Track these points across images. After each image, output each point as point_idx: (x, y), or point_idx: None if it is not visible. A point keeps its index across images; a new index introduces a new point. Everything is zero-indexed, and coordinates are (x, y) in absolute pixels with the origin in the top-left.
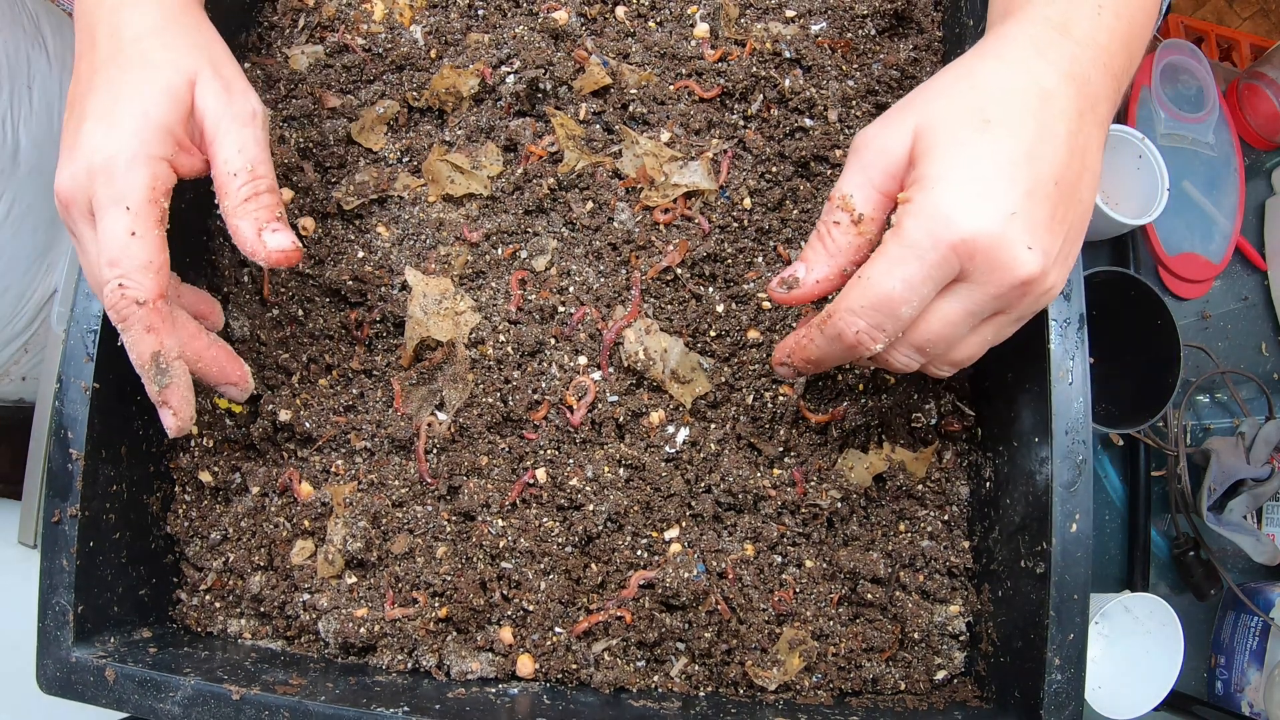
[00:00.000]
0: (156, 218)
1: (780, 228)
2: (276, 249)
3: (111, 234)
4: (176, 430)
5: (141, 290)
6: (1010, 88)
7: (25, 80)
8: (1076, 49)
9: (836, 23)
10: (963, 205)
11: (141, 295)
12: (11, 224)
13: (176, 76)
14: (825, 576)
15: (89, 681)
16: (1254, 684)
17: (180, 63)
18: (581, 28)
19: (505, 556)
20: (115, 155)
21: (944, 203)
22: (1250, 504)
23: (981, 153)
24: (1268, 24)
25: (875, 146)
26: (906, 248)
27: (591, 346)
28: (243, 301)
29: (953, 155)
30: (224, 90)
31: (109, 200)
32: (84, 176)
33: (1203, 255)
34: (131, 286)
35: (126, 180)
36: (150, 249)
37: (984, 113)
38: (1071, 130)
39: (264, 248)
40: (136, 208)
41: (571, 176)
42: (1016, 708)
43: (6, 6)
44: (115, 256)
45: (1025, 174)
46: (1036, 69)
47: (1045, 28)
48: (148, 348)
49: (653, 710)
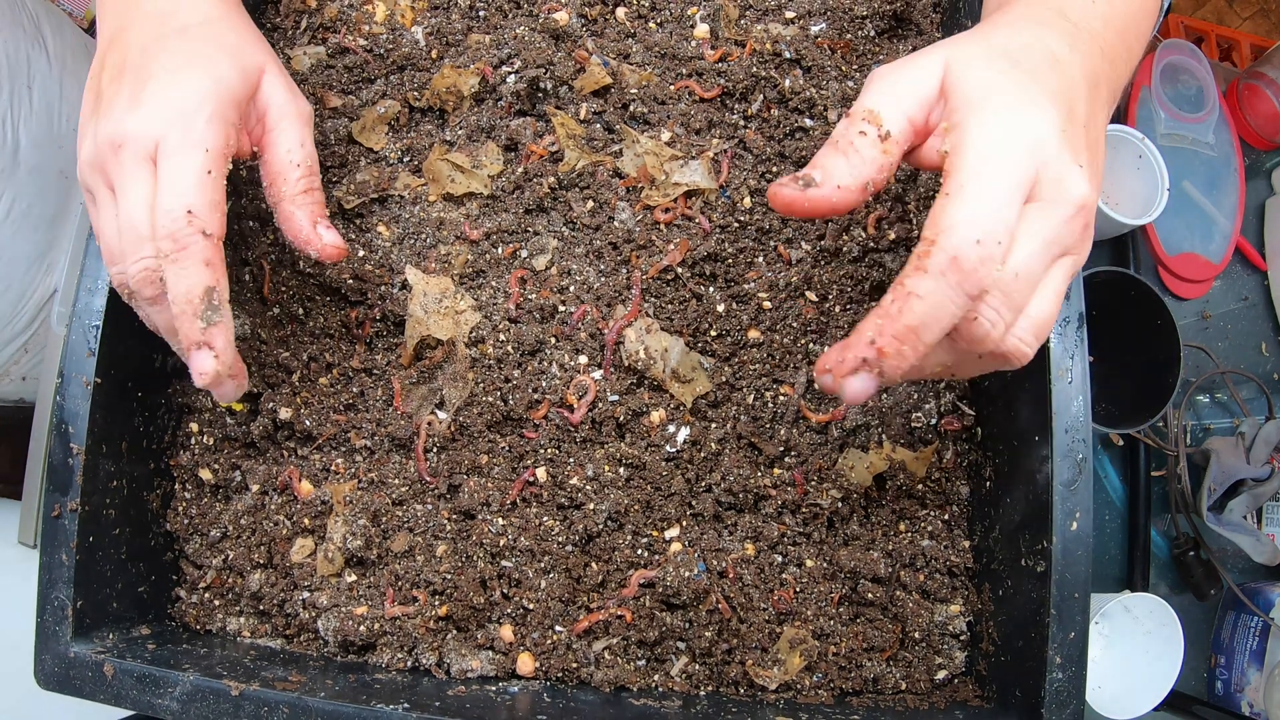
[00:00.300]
0: (226, 172)
1: (780, 228)
2: (332, 244)
3: (187, 170)
4: (214, 377)
5: (210, 224)
6: (1027, 48)
7: (25, 80)
8: (1075, 29)
9: (836, 24)
10: (1022, 116)
11: (210, 228)
12: (11, 224)
13: (249, 60)
14: (826, 576)
15: (87, 677)
16: (1254, 684)
17: (252, 50)
18: (582, 28)
19: (505, 555)
20: (196, 107)
21: (1002, 116)
22: (1250, 504)
23: (1021, 81)
24: (1268, 24)
25: (902, 76)
26: (983, 161)
27: (592, 346)
28: (243, 300)
29: (994, 82)
30: (289, 87)
31: (188, 143)
32: (156, 122)
33: (1203, 255)
34: (201, 217)
35: (207, 129)
36: (222, 193)
37: (1011, 56)
38: (1085, 92)
39: (319, 240)
40: (215, 152)
41: (572, 176)
42: (1017, 707)
43: (6, 6)
44: (187, 190)
45: (1063, 102)
46: (1046, 38)
47: (1044, 10)
48: (202, 281)
49: (653, 709)
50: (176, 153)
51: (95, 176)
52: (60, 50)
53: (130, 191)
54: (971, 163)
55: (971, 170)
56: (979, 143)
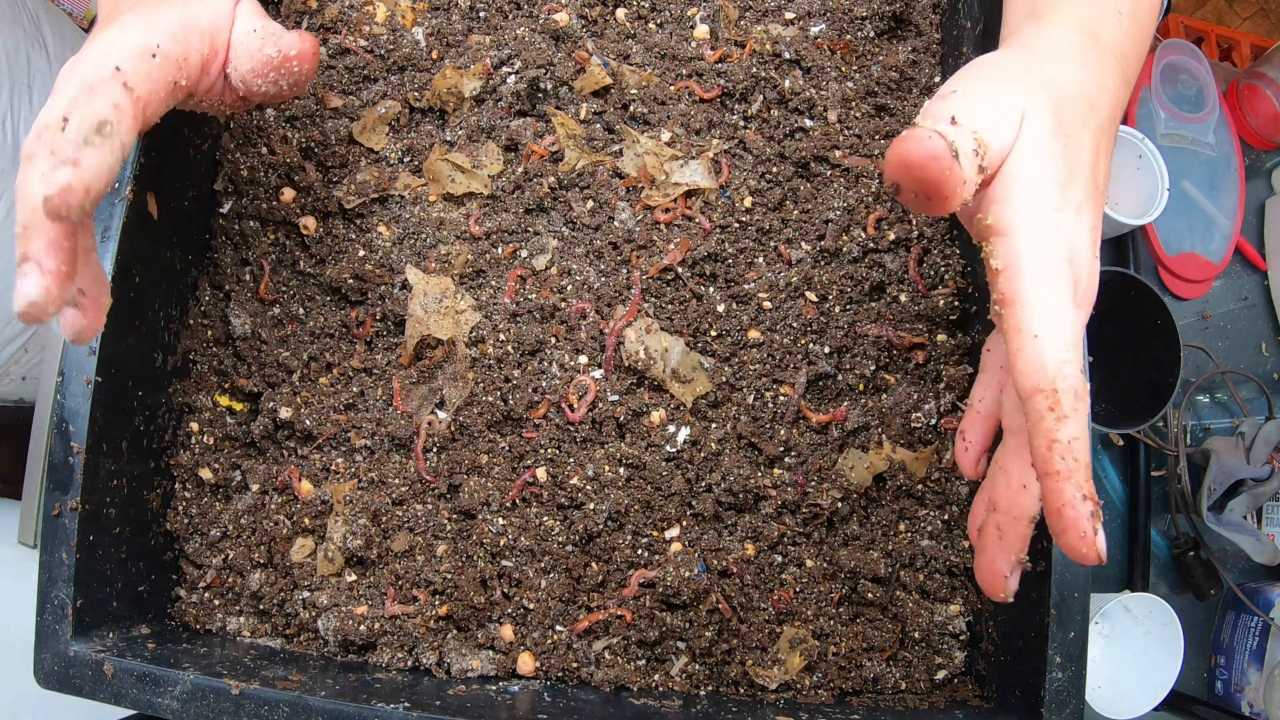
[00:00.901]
0: (173, 73)
1: (780, 228)
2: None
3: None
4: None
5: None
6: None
7: (25, 80)
8: (1107, 59)
9: (836, 24)
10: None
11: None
12: (12, 224)
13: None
14: (825, 576)
15: (87, 676)
16: (1254, 684)
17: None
18: (582, 29)
19: (506, 555)
20: (155, 30)
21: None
22: (1250, 504)
23: (1066, 155)
24: (1268, 24)
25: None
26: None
27: (592, 346)
28: (244, 299)
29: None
30: (261, 13)
31: (136, 46)
32: (108, 47)
33: (1203, 255)
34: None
35: (166, 41)
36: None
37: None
38: (1107, 137)
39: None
40: (164, 51)
41: (572, 176)
42: (1017, 706)
43: (6, 6)
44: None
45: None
46: (1086, 78)
47: (1081, 35)
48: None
49: (653, 709)
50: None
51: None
52: (60, 50)
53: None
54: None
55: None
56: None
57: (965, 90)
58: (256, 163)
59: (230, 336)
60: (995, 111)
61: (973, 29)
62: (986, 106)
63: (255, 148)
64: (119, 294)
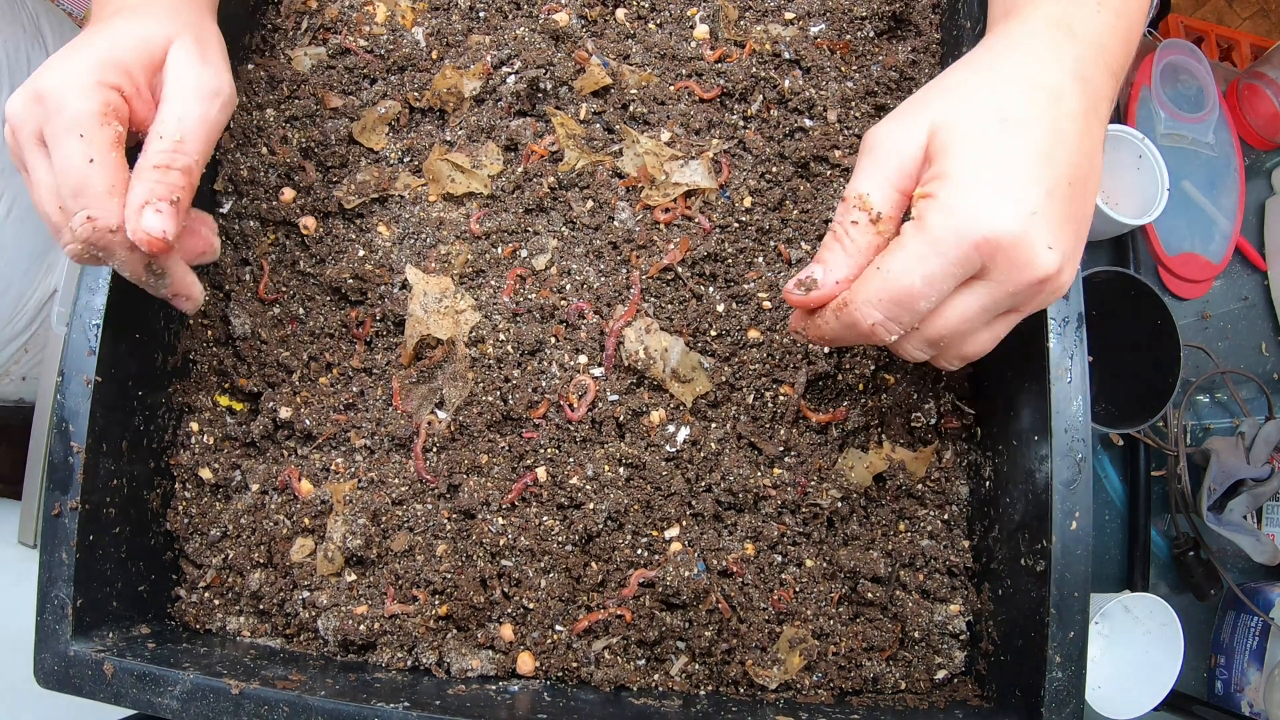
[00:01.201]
0: (111, 140)
1: (780, 228)
2: (145, 228)
3: (70, 163)
4: (196, 306)
5: (111, 216)
6: (1024, 87)
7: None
8: (1081, 49)
9: (835, 24)
10: (987, 203)
11: (113, 222)
12: (12, 224)
13: (155, 31)
14: (825, 576)
15: (87, 675)
16: (1254, 684)
17: (164, 22)
18: (582, 29)
19: (505, 555)
20: (67, 81)
21: (968, 200)
22: (1250, 504)
23: (1002, 151)
24: (1268, 24)
25: (890, 145)
26: (929, 244)
27: (592, 346)
28: (244, 299)
29: (974, 152)
30: (197, 59)
31: (62, 128)
32: (33, 101)
33: (1203, 255)
34: (101, 215)
35: (78, 106)
36: (110, 173)
37: (1001, 111)
38: (1080, 130)
39: (136, 220)
40: (90, 133)
41: (572, 176)
42: (1017, 706)
43: (6, 6)
44: (78, 186)
45: (1045, 174)
46: (1047, 69)
47: (1050, 27)
48: (139, 263)
49: (653, 708)
50: (58, 143)
51: (16, 159)
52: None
53: (35, 179)
54: (914, 247)
55: (914, 253)
56: (935, 230)
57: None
58: (256, 163)
59: (230, 336)
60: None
61: (972, 29)
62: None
63: (255, 148)
64: (119, 294)
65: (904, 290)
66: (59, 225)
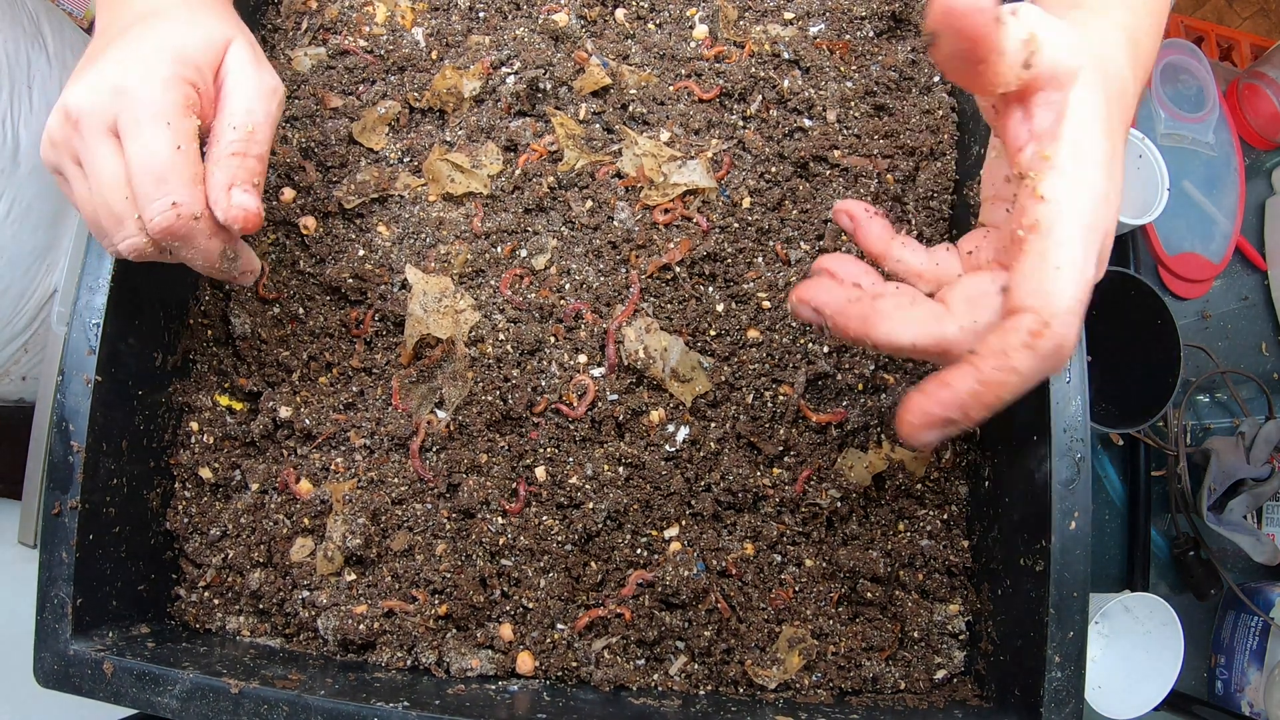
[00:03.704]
0: (193, 132)
1: (780, 228)
2: (239, 205)
3: (153, 149)
4: (255, 275)
5: (196, 204)
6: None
7: (25, 80)
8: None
9: (835, 24)
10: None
11: (198, 209)
12: (12, 224)
13: (215, 32)
14: (825, 575)
15: (86, 675)
16: (1254, 684)
17: (221, 23)
18: (581, 29)
19: (505, 554)
20: (150, 74)
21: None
22: (1250, 504)
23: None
24: (1268, 24)
25: None
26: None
27: (591, 345)
28: (244, 299)
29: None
30: (255, 60)
31: (147, 116)
32: (108, 93)
33: (1203, 255)
34: (186, 203)
35: (164, 97)
36: (194, 162)
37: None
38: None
39: (227, 200)
40: (176, 123)
41: (571, 175)
42: (1016, 706)
43: (6, 6)
44: (162, 173)
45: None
46: (1125, 78)
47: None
48: (216, 249)
49: (653, 708)
50: (139, 131)
51: (59, 153)
52: (60, 50)
53: (98, 168)
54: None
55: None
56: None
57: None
58: None
59: (230, 336)
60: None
61: None
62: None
63: None
64: (119, 294)
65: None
66: (121, 217)
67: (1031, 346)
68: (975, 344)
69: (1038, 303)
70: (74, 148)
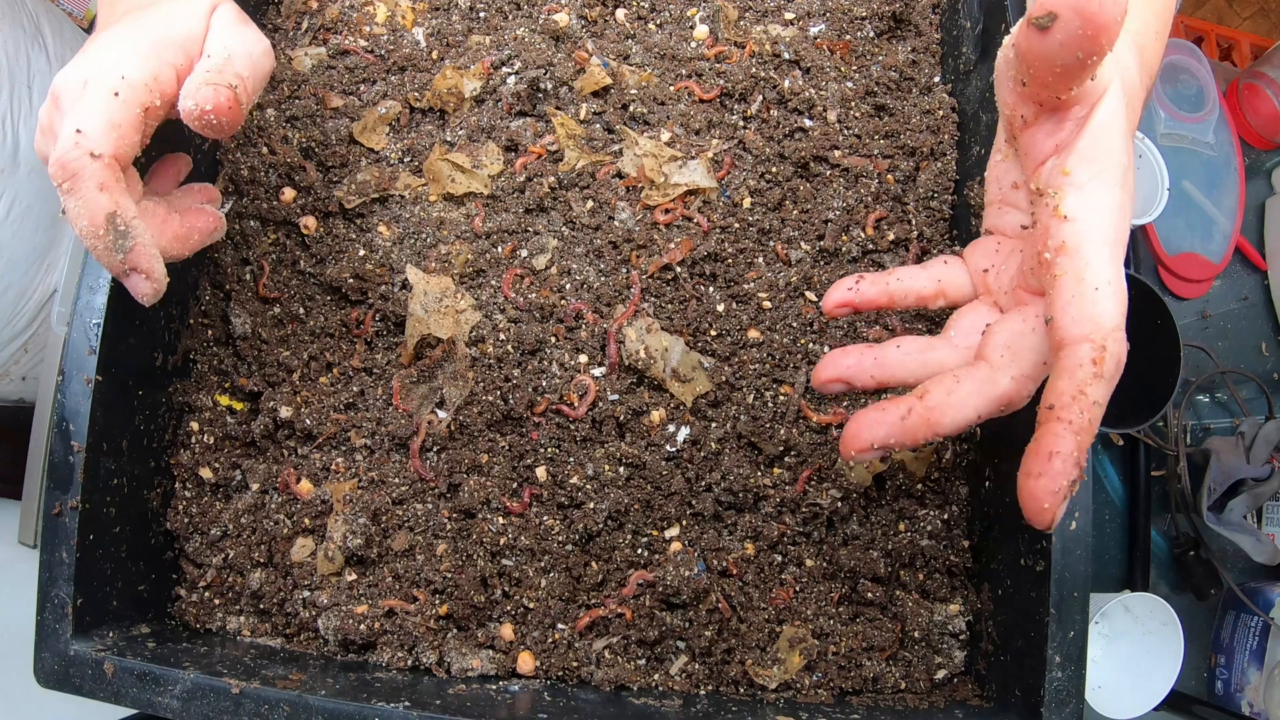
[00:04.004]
0: (142, 100)
1: (780, 228)
2: (208, 92)
3: (91, 97)
4: (153, 295)
5: (99, 141)
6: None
7: (25, 80)
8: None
9: (835, 25)
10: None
11: (98, 147)
12: (11, 224)
13: (200, 5)
14: (825, 575)
15: (87, 675)
16: (1254, 684)
17: None
18: (582, 29)
19: (506, 554)
20: (125, 50)
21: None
22: (1250, 504)
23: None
24: (1268, 24)
25: None
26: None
27: (592, 345)
28: (244, 299)
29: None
30: (238, 19)
31: (105, 76)
32: (85, 69)
33: (1203, 255)
34: (88, 134)
35: (130, 64)
36: (124, 112)
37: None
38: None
39: (194, 92)
40: (130, 80)
41: (572, 176)
42: (1017, 706)
43: (6, 6)
44: (87, 107)
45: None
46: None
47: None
48: (101, 208)
49: (653, 708)
50: (91, 87)
51: (46, 140)
52: (60, 50)
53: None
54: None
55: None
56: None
57: None
58: (257, 162)
59: (230, 336)
60: None
61: (973, 29)
62: None
63: (255, 148)
64: (120, 294)
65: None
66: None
67: (1100, 375)
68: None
69: (1088, 329)
70: (56, 127)
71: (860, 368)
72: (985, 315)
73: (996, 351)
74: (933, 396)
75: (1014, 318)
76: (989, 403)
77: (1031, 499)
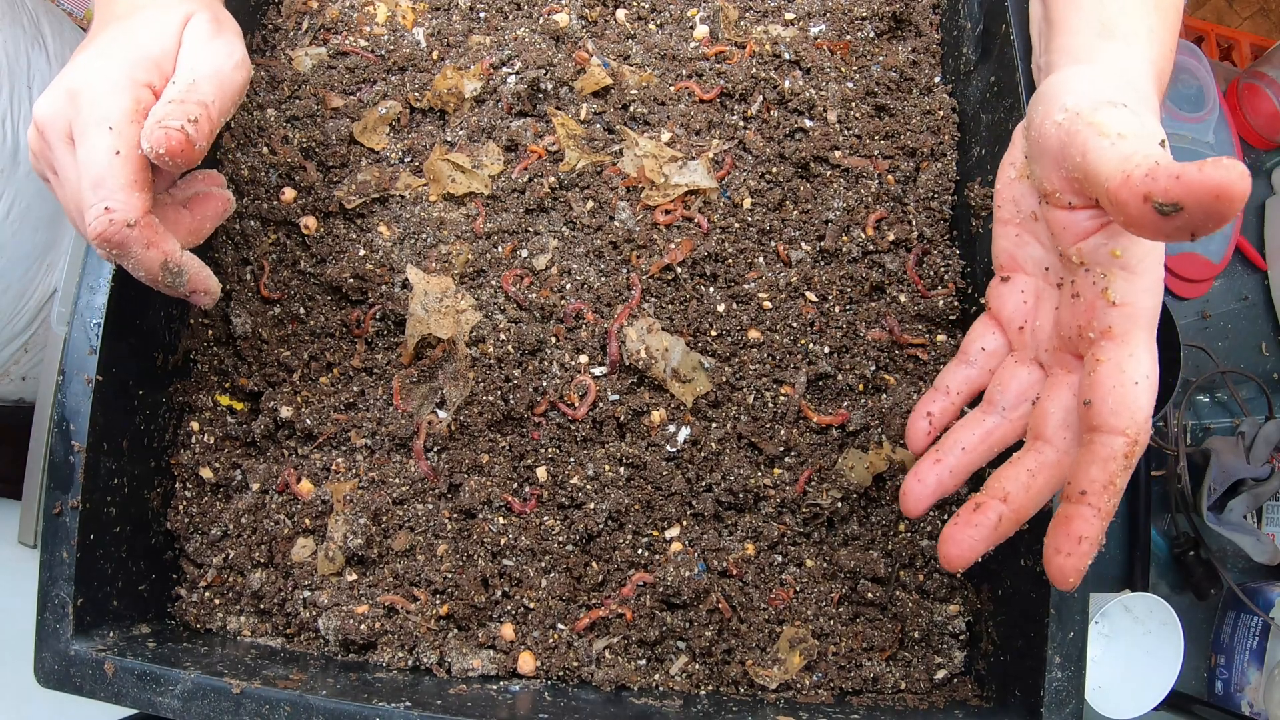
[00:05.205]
0: (136, 139)
1: (780, 228)
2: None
3: (95, 153)
4: (211, 301)
5: (130, 210)
6: None
7: (25, 80)
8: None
9: (835, 25)
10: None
11: (131, 216)
12: (11, 224)
13: (174, 15)
14: (825, 576)
15: (87, 675)
16: (1254, 684)
17: (183, 5)
18: (582, 29)
19: (506, 554)
20: (99, 79)
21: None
22: (1250, 504)
23: None
24: (1268, 24)
25: None
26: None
27: (592, 345)
28: (245, 299)
29: None
30: (211, 31)
31: (91, 121)
32: (64, 99)
33: (1203, 255)
34: (119, 209)
35: (110, 101)
36: (133, 168)
37: None
38: None
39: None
40: (119, 128)
41: (572, 176)
42: (1017, 706)
43: (6, 6)
44: (99, 176)
45: None
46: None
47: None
48: (154, 261)
49: (654, 708)
50: (85, 136)
51: (40, 164)
52: (60, 50)
53: (64, 175)
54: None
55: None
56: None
57: None
58: (257, 162)
59: (231, 336)
60: None
61: (973, 29)
62: None
63: (256, 148)
64: (120, 294)
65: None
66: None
67: (1129, 466)
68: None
69: (1124, 423)
70: (48, 157)
71: (943, 486)
72: (1027, 377)
73: (1058, 434)
74: (1015, 499)
75: (1064, 392)
76: (1060, 483)
77: (1060, 573)
